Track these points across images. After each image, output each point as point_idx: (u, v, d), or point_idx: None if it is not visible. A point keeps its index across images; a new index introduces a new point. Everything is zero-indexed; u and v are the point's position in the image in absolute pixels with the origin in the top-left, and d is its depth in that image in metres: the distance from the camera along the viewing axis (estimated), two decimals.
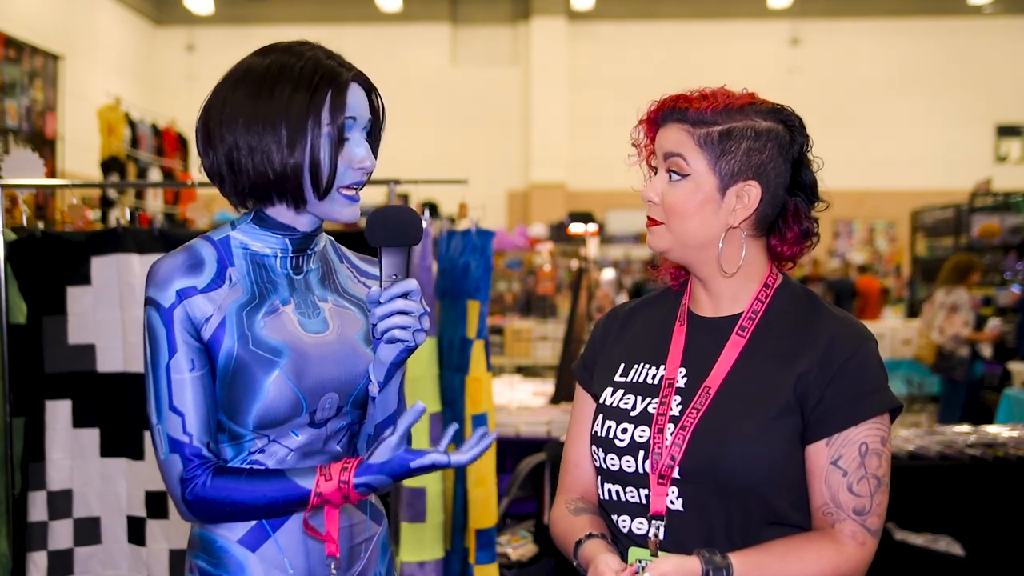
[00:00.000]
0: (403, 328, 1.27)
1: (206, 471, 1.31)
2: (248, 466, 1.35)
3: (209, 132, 1.35)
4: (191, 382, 1.31)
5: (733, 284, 1.38)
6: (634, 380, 1.40)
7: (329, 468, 1.32)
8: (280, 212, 1.37)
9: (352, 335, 1.40)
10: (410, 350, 1.31)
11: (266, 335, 1.33)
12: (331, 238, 1.51)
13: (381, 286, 1.27)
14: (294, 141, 1.30)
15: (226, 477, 1.31)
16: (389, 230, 1.27)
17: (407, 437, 1.31)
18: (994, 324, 6.92)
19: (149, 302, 1.32)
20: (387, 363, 1.31)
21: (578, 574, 1.38)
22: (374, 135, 1.42)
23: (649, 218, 1.39)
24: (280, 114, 1.30)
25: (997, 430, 3.57)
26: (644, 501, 1.33)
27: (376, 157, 1.43)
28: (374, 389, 1.35)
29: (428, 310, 1.30)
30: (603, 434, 1.38)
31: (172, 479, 1.31)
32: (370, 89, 1.39)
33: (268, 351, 1.32)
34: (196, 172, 9.44)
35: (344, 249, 1.52)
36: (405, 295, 1.27)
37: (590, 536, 1.35)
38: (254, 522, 1.35)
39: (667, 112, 1.36)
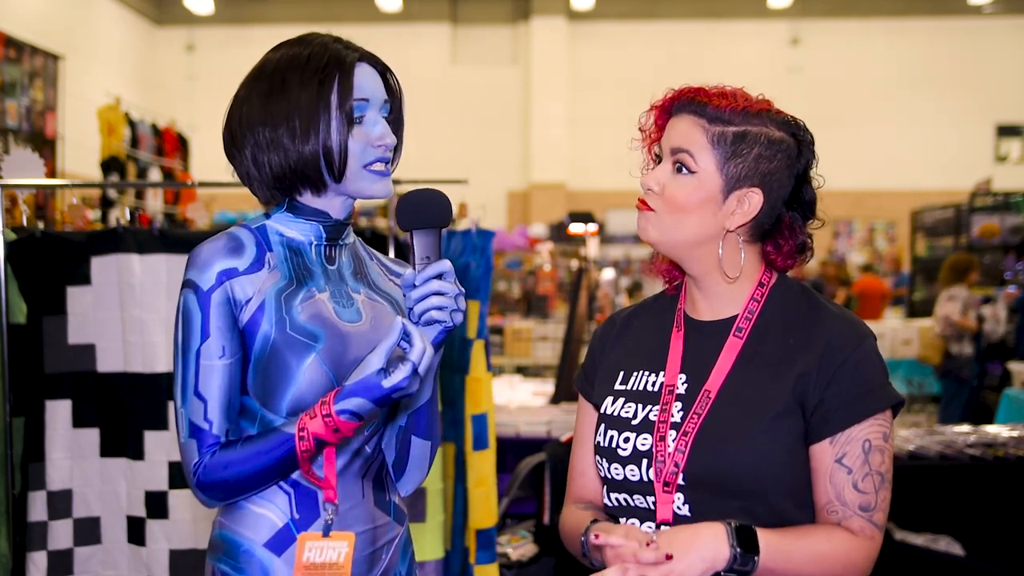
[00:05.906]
0: (440, 309, 1.27)
1: (211, 453, 1.30)
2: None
3: (233, 136, 1.37)
4: (219, 369, 1.31)
5: (727, 285, 1.37)
6: (634, 388, 1.40)
7: (313, 408, 1.27)
8: (312, 198, 1.38)
9: (386, 328, 1.39)
10: (448, 331, 1.31)
11: (304, 320, 1.33)
12: (359, 238, 1.52)
13: (415, 269, 1.27)
14: (307, 129, 1.32)
15: (225, 450, 1.30)
16: (419, 212, 1.29)
17: (386, 361, 1.24)
18: (988, 310, 6.92)
19: (187, 284, 1.32)
20: None
21: (580, 574, 1.37)
22: (395, 115, 1.42)
23: (640, 201, 1.37)
24: (292, 105, 1.32)
25: (997, 430, 3.57)
26: (652, 507, 1.33)
27: (401, 137, 1.43)
28: None
29: (463, 291, 1.30)
30: (605, 444, 1.38)
31: (188, 464, 1.32)
32: (384, 70, 1.40)
33: (305, 335, 1.32)
34: (196, 172, 9.45)
35: (372, 249, 1.53)
36: (440, 276, 1.27)
37: (596, 521, 1.34)
38: (280, 525, 1.34)
39: (683, 103, 1.35)
